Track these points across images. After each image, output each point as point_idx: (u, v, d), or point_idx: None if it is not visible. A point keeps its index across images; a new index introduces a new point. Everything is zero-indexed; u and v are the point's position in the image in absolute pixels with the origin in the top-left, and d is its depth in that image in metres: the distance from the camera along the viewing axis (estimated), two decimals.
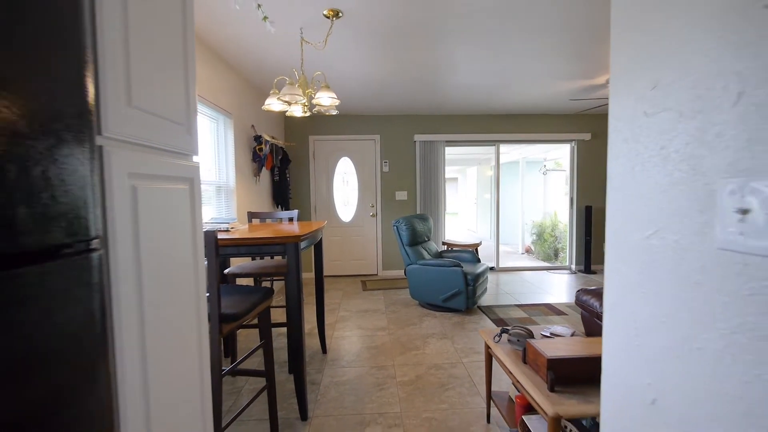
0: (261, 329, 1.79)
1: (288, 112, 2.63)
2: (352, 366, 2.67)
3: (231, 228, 2.18)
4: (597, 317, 2.59)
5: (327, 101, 2.44)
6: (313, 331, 3.33)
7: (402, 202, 5.66)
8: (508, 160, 8.69)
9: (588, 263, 5.65)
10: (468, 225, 12.03)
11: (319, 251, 2.75)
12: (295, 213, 2.99)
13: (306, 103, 2.56)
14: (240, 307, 1.54)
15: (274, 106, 2.47)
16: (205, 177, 3.18)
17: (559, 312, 3.87)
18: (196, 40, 2.38)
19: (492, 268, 5.87)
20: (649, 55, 0.69)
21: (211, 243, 1.44)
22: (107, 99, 0.65)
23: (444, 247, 5.44)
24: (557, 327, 1.85)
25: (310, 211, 5.53)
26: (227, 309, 1.51)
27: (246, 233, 2.01)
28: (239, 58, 3.30)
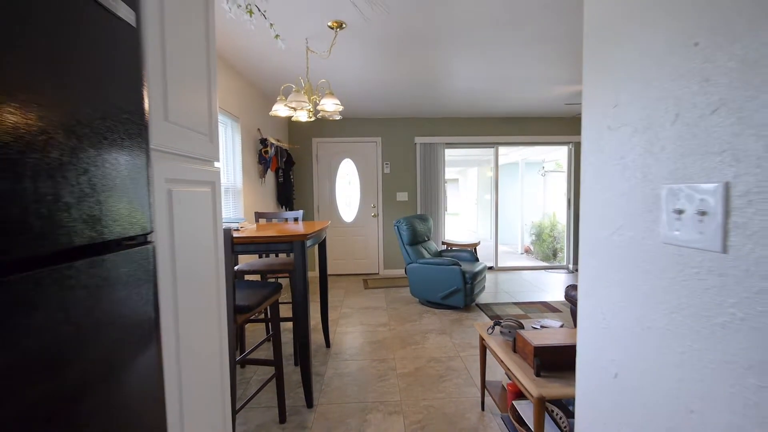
0: (271, 321, 1.91)
1: (294, 117, 2.76)
2: (354, 359, 2.79)
3: (240, 227, 2.31)
4: None
5: (331, 107, 2.56)
6: (318, 327, 3.45)
7: (403, 202, 5.78)
8: (507, 161, 8.79)
9: None
10: (469, 225, 12.13)
11: (323, 250, 2.87)
12: (300, 213, 3.11)
13: (311, 109, 2.69)
14: (252, 300, 1.67)
15: (281, 111, 2.60)
16: None
17: (554, 309, 3.98)
18: None
19: (491, 267, 5.98)
20: (613, 79, 0.81)
21: (228, 240, 1.56)
22: (152, 115, 0.77)
23: (444, 247, 5.55)
24: (547, 320, 1.96)
25: (313, 212, 5.65)
26: (240, 301, 1.63)
27: (255, 232, 2.13)
28: (247, 66, 3.43)
